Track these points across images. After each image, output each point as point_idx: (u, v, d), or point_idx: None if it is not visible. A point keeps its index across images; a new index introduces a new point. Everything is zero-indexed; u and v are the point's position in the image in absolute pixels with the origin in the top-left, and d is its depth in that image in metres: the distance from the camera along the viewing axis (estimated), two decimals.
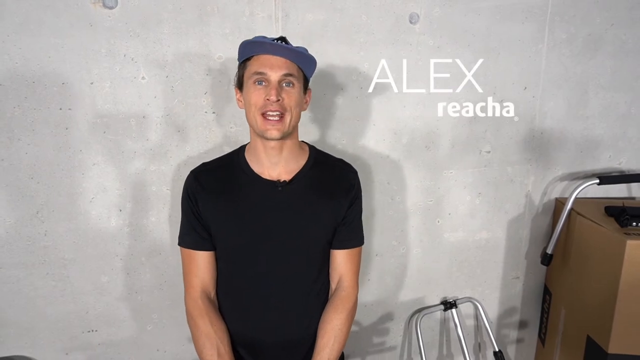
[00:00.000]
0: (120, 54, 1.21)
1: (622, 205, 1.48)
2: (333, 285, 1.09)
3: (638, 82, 1.77)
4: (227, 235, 1.01)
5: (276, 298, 1.02)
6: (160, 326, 1.43)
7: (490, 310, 1.84)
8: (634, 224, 1.41)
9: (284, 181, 1.01)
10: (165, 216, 1.32)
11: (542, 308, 1.87)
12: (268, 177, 1.02)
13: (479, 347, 1.87)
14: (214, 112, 1.32)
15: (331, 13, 1.36)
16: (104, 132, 1.24)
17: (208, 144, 1.31)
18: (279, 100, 0.93)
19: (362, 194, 1.51)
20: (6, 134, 1.17)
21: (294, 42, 1.33)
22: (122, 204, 1.30)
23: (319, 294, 1.06)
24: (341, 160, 1.13)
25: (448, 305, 1.70)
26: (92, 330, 1.36)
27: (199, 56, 1.27)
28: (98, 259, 1.32)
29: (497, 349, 1.72)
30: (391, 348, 1.72)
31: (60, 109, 1.20)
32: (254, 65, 0.95)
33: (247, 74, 0.96)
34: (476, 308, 1.77)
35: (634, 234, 1.37)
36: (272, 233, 1.00)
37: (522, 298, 1.88)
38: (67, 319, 1.33)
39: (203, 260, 1.03)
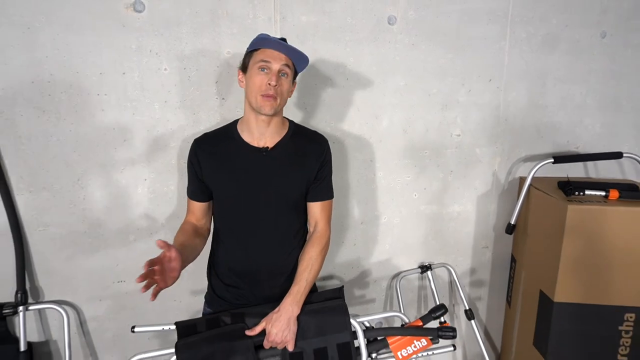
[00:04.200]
0: (147, 50, 1.48)
1: (567, 179, 1.74)
2: (311, 229, 1.36)
3: (591, 75, 2.02)
4: (224, 190, 1.28)
5: (265, 237, 1.29)
6: (178, 279, 1.68)
7: (462, 277, 2.10)
8: (576, 193, 1.67)
9: (267, 147, 1.28)
10: (182, 185, 1.58)
11: (509, 275, 2.13)
12: (256, 145, 1.28)
13: (453, 307, 2.12)
14: (223, 98, 1.58)
15: (321, 16, 1.62)
16: (133, 114, 1.51)
17: (218, 124, 1.57)
18: (276, 85, 1.20)
19: (348, 168, 1.79)
20: (55, 115, 1.44)
21: (290, 40, 1.59)
22: (146, 174, 1.56)
23: (297, 234, 1.34)
24: (315, 132, 1.40)
25: (424, 268, 1.96)
26: (121, 281, 1.62)
27: (211, 52, 1.53)
28: (126, 220, 1.58)
29: (467, 308, 1.97)
30: (374, 302, 1.98)
31: (98, 94, 1.46)
32: (260, 55, 1.21)
33: (252, 61, 1.23)
34: (450, 273, 2.03)
35: (575, 201, 1.63)
36: (258, 188, 1.26)
37: (492, 266, 2.14)
38: (100, 271, 1.59)
39: (197, 208, 1.34)
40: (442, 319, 1.52)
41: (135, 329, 1.28)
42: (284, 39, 1.25)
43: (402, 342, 1.29)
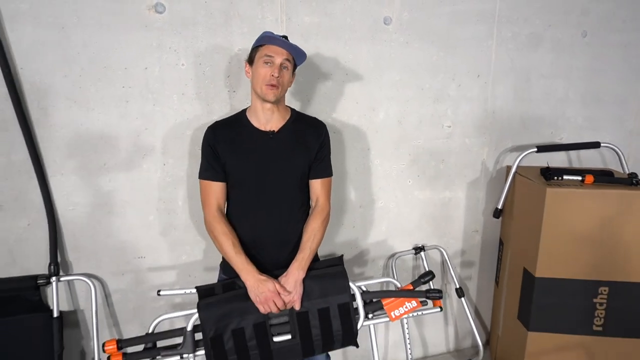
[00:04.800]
0: (166, 47, 1.64)
1: (547, 165, 1.90)
2: (313, 204, 1.52)
3: (573, 72, 2.19)
4: (237, 170, 1.44)
5: (273, 210, 1.45)
6: (192, 257, 1.85)
7: (453, 258, 2.26)
8: (555, 178, 1.84)
9: (273, 131, 1.45)
10: (197, 169, 1.72)
11: (498, 257, 2.29)
12: (263, 129, 1.45)
13: (445, 287, 2.28)
14: (234, 91, 1.75)
15: (323, 16, 1.79)
16: (154, 105, 1.67)
17: (228, 114, 1.72)
18: (278, 77, 1.38)
19: (347, 156, 1.95)
20: (85, 106, 1.60)
21: (295, 39, 1.75)
22: (165, 159, 1.73)
23: (300, 208, 1.50)
24: (314, 118, 1.57)
25: (418, 249, 2.12)
26: (141, 257, 1.79)
27: (224, 49, 1.70)
28: (147, 201, 1.74)
29: (458, 286, 2.13)
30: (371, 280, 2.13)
31: (123, 87, 1.63)
32: (265, 51, 1.38)
33: (258, 56, 1.40)
34: (442, 254, 2.18)
35: (554, 185, 1.80)
36: (266, 167, 1.43)
37: (481, 249, 2.30)
38: (122, 247, 1.75)
39: (217, 188, 1.46)
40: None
41: (161, 292, 1.45)
42: (285, 37, 1.42)
43: (395, 303, 1.45)
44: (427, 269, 2.08)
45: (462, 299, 2.12)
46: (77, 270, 1.73)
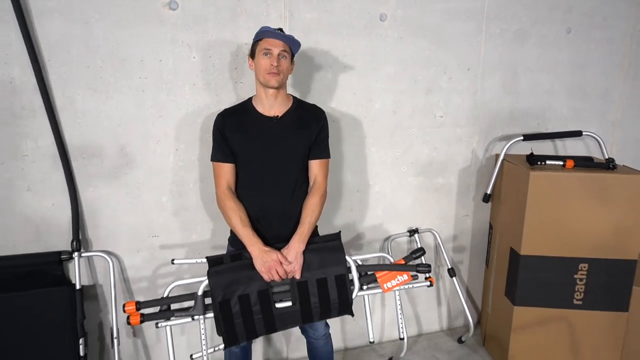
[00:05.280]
0: (179, 41, 1.79)
1: (531, 152, 2.04)
2: (311, 183, 1.66)
3: (558, 66, 2.33)
4: (244, 152, 1.58)
5: (276, 188, 1.59)
6: (201, 236, 1.99)
7: (446, 242, 2.40)
8: (539, 162, 1.98)
9: (277, 116, 1.59)
10: (207, 154, 1.86)
11: (488, 240, 2.43)
12: (267, 114, 1.60)
13: (438, 269, 2.42)
14: (240, 82, 1.89)
15: (323, 13, 1.93)
16: (167, 94, 1.82)
17: (235, 102, 1.85)
18: (277, 65, 1.52)
19: (345, 143, 2.09)
20: (104, 95, 1.75)
21: (297, 34, 1.89)
22: (177, 145, 1.87)
23: (301, 186, 1.63)
24: (314, 105, 1.72)
25: (412, 232, 2.26)
26: (155, 236, 1.93)
27: (232, 43, 1.85)
28: (160, 184, 1.89)
29: (450, 267, 2.27)
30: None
31: (139, 77, 1.77)
32: (263, 44, 1.53)
33: (258, 49, 1.55)
34: (435, 237, 2.33)
35: (537, 169, 1.94)
36: (271, 149, 1.58)
37: (472, 232, 2.44)
38: (138, 226, 1.90)
39: (227, 168, 1.60)
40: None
41: (175, 261, 1.60)
42: (281, 29, 1.56)
43: (388, 276, 1.59)
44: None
45: (454, 278, 2.26)
46: (96, 247, 1.87)
